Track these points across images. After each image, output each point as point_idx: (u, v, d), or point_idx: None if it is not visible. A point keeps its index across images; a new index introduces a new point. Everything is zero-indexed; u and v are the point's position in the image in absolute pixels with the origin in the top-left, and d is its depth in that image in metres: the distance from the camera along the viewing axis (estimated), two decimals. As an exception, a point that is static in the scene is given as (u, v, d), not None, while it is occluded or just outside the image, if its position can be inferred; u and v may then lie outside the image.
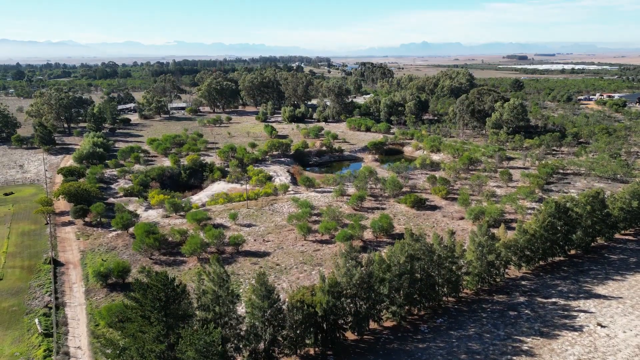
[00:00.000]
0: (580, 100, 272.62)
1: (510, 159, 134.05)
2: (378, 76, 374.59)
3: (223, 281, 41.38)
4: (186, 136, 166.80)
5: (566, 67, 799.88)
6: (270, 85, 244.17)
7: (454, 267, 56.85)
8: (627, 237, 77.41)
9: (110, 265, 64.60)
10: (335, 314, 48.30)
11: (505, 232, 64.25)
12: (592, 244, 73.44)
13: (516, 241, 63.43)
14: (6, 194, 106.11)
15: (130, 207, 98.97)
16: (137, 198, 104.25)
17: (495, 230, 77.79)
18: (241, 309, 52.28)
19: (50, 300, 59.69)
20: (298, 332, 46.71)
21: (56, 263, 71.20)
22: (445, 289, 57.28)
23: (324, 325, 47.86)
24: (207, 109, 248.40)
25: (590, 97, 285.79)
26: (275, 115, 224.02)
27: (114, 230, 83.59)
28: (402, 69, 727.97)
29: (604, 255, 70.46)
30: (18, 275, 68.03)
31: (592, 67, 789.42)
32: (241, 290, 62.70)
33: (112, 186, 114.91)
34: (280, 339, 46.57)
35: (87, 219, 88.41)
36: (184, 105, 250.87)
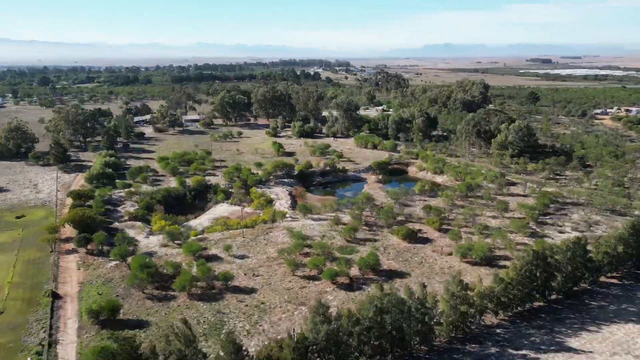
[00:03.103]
0: (596, 114, 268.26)
1: (512, 184, 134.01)
2: (392, 86, 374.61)
3: (190, 342, 44.14)
4: (195, 153, 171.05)
5: (590, 72, 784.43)
6: (282, 98, 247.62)
7: (426, 318, 58.49)
8: (612, 281, 77.57)
9: (101, 302, 68.14)
10: (302, 368, 50.59)
11: (481, 281, 65.46)
12: (575, 289, 73.94)
13: (492, 290, 64.64)
14: (18, 217, 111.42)
15: (133, 233, 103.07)
16: (140, 223, 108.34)
17: (482, 269, 79.30)
18: None
19: (44, 338, 63.52)
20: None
21: (55, 296, 75.23)
22: (415, 339, 58.94)
23: (291, 380, 50.16)
24: (220, 121, 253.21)
25: (607, 110, 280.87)
26: (286, 129, 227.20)
27: (113, 261, 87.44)
28: (421, 74, 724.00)
29: (584, 302, 70.95)
30: (19, 308, 72.25)
31: (617, 73, 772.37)
32: (224, 331, 65.58)
33: (119, 209, 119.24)
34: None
35: (89, 247, 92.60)
36: (197, 117, 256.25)
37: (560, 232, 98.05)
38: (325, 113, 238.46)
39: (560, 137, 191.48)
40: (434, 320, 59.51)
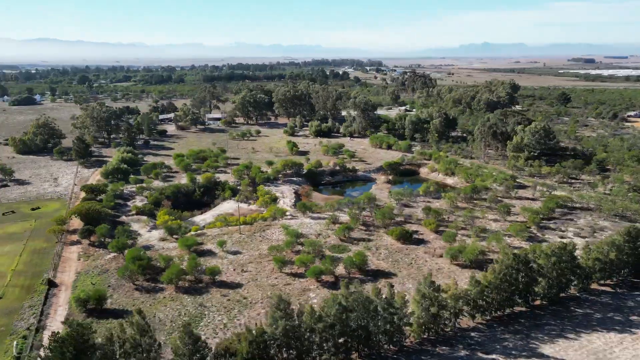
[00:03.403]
0: (629, 117, 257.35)
1: (522, 187, 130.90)
2: (418, 86, 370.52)
3: (144, 331, 45.92)
4: (210, 151, 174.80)
5: (634, 72, 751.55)
6: (303, 98, 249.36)
7: (395, 318, 58.43)
8: (604, 289, 74.95)
9: (89, 292, 71.25)
10: (260, 362, 51.63)
11: (456, 283, 64.68)
12: (562, 295, 71.96)
13: (467, 293, 63.84)
14: (33, 209, 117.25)
15: (137, 227, 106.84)
16: (145, 217, 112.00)
17: (471, 272, 78.30)
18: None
19: (33, 323, 67.03)
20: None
21: (52, 284, 79.08)
22: (383, 339, 58.96)
23: (248, 373, 51.29)
24: (242, 120, 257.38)
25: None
26: (304, 129, 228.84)
27: (112, 253, 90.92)
28: (452, 74, 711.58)
29: (569, 309, 68.93)
30: (17, 294, 76.40)
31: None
32: (202, 324, 67.45)
33: (129, 203, 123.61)
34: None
35: (92, 239, 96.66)
36: (219, 116, 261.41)
37: (562, 237, 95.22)
38: (344, 113, 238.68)
39: (584, 140, 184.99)
40: (404, 320, 59.28)
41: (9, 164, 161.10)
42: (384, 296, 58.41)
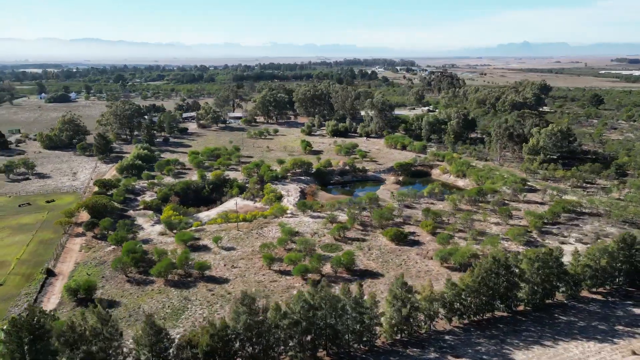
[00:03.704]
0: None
1: (533, 190, 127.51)
2: (445, 86, 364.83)
3: (104, 321, 47.78)
4: (225, 149, 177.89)
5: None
6: (323, 97, 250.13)
7: (364, 318, 58.45)
8: (595, 297, 72.39)
9: (80, 281, 74.28)
10: (223, 356, 52.74)
11: (431, 285, 63.94)
12: (548, 301, 70.03)
13: (443, 295, 63.08)
14: (48, 201, 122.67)
15: (141, 221, 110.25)
16: (150, 212, 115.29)
17: (460, 275, 77.22)
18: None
19: (25, 309, 70.37)
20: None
21: (51, 273, 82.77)
22: (352, 338, 59.03)
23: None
24: (262, 119, 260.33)
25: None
26: (322, 128, 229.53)
27: (112, 245, 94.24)
28: (485, 74, 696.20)
29: (553, 315, 66.99)
30: (17, 282, 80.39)
31: None
32: (183, 317, 69.28)
33: (139, 198, 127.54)
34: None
35: (95, 232, 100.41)
36: (240, 115, 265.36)
37: (562, 242, 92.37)
38: (363, 113, 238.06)
39: (608, 143, 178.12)
40: (374, 321, 59.21)
41: (34, 158, 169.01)
42: (353, 295, 58.47)
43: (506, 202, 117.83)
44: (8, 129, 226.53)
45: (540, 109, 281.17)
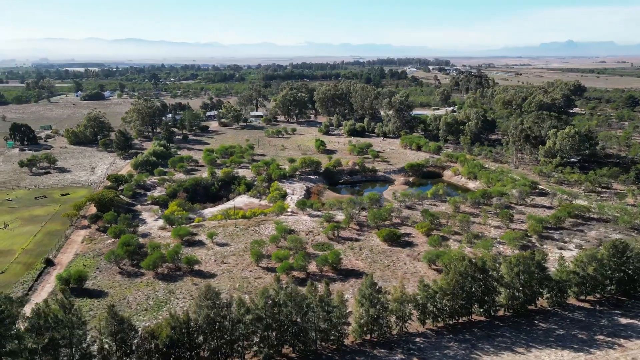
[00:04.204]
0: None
1: (544, 194, 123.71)
2: (473, 86, 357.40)
3: (66, 308, 49.88)
4: (239, 147, 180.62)
5: None
6: (343, 97, 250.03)
7: (332, 316, 58.60)
8: (581, 305, 69.75)
9: (71, 272, 77.45)
10: (186, 348, 54.08)
11: (403, 287, 63.24)
12: (532, 307, 68.08)
13: (415, 297, 62.38)
14: (62, 195, 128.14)
15: (146, 215, 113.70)
16: (156, 207, 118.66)
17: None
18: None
19: (19, 296, 74.01)
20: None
21: (50, 263, 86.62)
22: (316, 335, 59.25)
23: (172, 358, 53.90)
24: (283, 118, 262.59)
25: None
26: (340, 128, 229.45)
27: (112, 238, 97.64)
28: (520, 74, 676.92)
29: (533, 322, 65.04)
30: (18, 270, 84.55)
31: None
32: (164, 309, 71.17)
33: (149, 193, 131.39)
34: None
35: (99, 225, 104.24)
36: (261, 114, 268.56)
37: (561, 248, 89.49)
38: (382, 112, 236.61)
39: (633, 147, 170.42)
40: (342, 320, 59.24)
41: (59, 153, 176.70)
42: (319, 293, 58.69)
43: (512, 205, 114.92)
44: (40, 125, 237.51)
45: (570, 111, 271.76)
